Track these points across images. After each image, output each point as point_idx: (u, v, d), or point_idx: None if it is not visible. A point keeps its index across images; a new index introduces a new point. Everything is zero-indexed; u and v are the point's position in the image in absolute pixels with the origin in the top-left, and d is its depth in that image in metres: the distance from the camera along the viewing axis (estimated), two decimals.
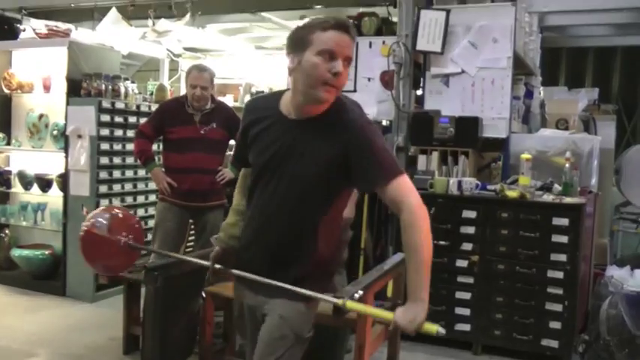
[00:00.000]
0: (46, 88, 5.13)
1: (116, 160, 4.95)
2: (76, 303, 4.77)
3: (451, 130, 4.22)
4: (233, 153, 2.27)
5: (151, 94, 5.75)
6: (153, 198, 5.18)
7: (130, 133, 4.92)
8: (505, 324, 3.88)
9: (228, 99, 6.55)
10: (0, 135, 5.28)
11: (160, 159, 4.25)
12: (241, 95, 6.84)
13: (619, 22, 5.96)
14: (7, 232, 5.32)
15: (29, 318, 4.41)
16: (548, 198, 3.86)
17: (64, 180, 4.91)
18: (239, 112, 3.04)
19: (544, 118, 5.22)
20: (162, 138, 4.09)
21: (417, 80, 4.62)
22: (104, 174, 4.86)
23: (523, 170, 3.91)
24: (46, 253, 5.05)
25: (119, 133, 4.95)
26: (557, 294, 3.74)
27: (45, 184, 5.09)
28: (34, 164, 5.26)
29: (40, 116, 5.21)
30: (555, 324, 3.75)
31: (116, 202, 4.96)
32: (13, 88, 5.26)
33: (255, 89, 6.77)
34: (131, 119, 5.03)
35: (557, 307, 3.75)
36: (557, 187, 3.97)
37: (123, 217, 2.31)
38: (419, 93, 4.69)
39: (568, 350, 3.75)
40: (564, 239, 3.72)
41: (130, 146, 4.69)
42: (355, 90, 4.64)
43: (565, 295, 3.73)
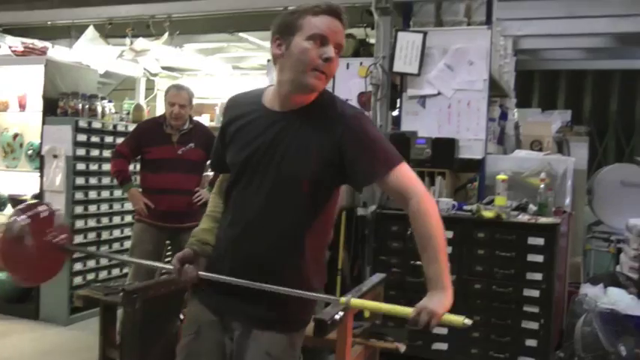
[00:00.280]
0: (22, 106, 5.08)
1: (92, 181, 4.90)
2: (50, 326, 4.67)
3: (428, 151, 4.25)
4: (210, 160, 2.10)
5: (128, 113, 5.72)
6: (129, 219, 5.12)
7: (107, 153, 4.89)
8: (482, 342, 3.89)
9: (204, 118, 6.55)
10: None
11: (137, 179, 4.22)
12: (217, 115, 6.84)
13: (590, 46, 6.12)
14: None
15: (1, 343, 4.31)
16: (523, 218, 3.91)
17: None
18: (216, 131, 3.04)
19: (519, 139, 5.30)
20: (139, 158, 4.07)
21: (393, 101, 4.66)
22: (80, 194, 4.80)
23: (499, 191, 3.95)
24: None
25: (95, 153, 4.90)
26: (533, 312, 3.77)
27: (19, 204, 4.98)
28: (7, 185, 5.18)
29: (15, 135, 5.15)
30: (531, 342, 3.78)
31: (92, 223, 4.90)
32: None
33: None
34: (108, 139, 5.00)
35: (534, 325, 3.77)
36: (533, 208, 4.02)
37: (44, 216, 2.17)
38: (395, 114, 4.73)
39: None
40: (540, 258, 3.76)
41: (107, 166, 4.65)
42: None
43: (541, 314, 3.77)
